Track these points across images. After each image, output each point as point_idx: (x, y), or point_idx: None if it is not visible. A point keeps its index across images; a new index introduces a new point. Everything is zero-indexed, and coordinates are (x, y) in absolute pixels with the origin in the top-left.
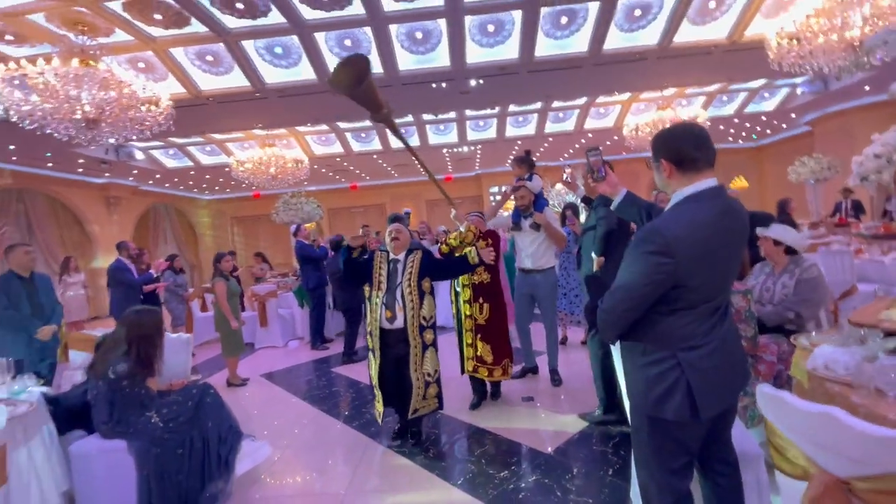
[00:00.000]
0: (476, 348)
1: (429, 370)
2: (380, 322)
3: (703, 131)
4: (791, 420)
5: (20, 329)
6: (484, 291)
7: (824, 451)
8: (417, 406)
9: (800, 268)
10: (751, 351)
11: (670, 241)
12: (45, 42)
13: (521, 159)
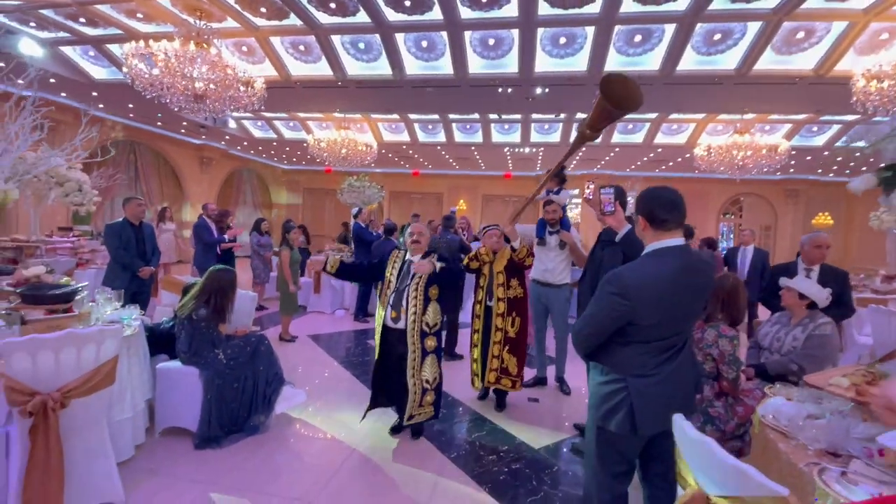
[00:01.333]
0: (502, 360)
1: (427, 377)
2: (385, 320)
3: (676, 197)
4: (683, 445)
5: (127, 267)
6: (518, 306)
7: (701, 472)
8: (413, 413)
9: (814, 323)
10: (731, 392)
11: (629, 286)
12: (168, 22)
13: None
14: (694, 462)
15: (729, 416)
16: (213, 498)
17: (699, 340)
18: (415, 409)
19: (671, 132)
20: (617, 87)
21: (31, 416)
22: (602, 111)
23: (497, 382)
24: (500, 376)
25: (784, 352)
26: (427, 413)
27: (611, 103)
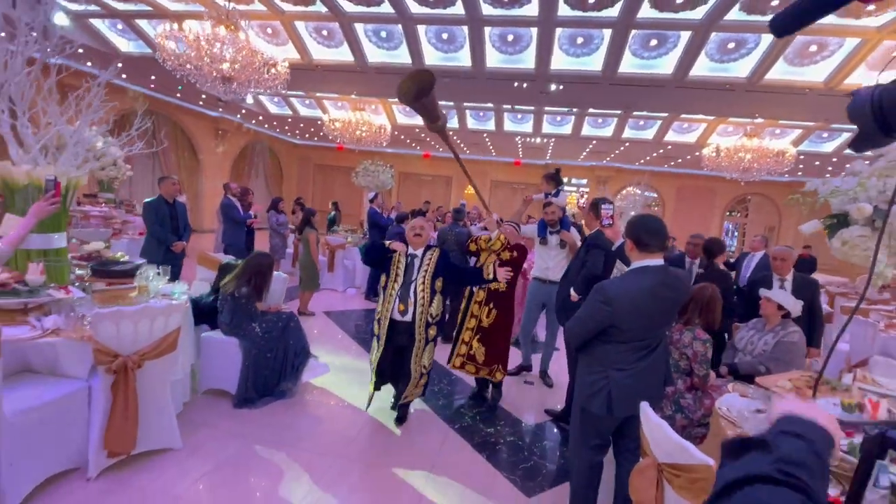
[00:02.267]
0: (470, 347)
1: (425, 363)
2: (391, 313)
3: (660, 226)
4: (646, 426)
5: (162, 242)
6: (497, 298)
7: (656, 446)
8: (408, 394)
9: (784, 330)
10: (700, 387)
11: (612, 296)
12: (197, 2)
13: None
14: (652, 439)
15: (697, 406)
16: (253, 449)
17: (677, 341)
18: (411, 390)
19: (682, 131)
20: (408, 87)
21: (114, 374)
22: (420, 109)
23: (461, 368)
24: (465, 362)
25: (755, 354)
26: (417, 392)
27: (413, 101)
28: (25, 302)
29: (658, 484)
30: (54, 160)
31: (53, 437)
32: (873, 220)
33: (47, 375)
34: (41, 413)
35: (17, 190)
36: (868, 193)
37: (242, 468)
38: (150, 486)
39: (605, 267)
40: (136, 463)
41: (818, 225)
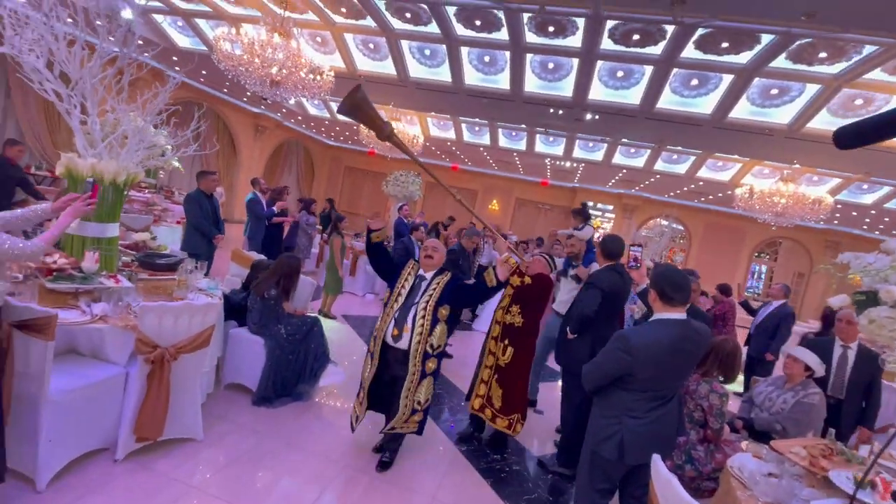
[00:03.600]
0: (489, 387)
1: (420, 398)
2: (385, 335)
3: (684, 281)
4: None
5: (205, 234)
6: (513, 334)
7: (664, 501)
8: (395, 425)
9: (805, 391)
10: (713, 440)
11: (632, 346)
12: (254, 7)
13: (577, 211)
14: (661, 493)
15: (708, 460)
16: (268, 447)
17: (694, 391)
18: (399, 423)
19: (716, 168)
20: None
21: (151, 364)
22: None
23: (480, 410)
24: (484, 404)
25: (773, 412)
26: (409, 428)
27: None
28: (77, 287)
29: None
30: (116, 155)
31: (89, 418)
32: None
33: (90, 358)
34: (82, 394)
35: (80, 181)
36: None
37: (257, 465)
38: (171, 473)
39: (602, 308)
40: (161, 449)
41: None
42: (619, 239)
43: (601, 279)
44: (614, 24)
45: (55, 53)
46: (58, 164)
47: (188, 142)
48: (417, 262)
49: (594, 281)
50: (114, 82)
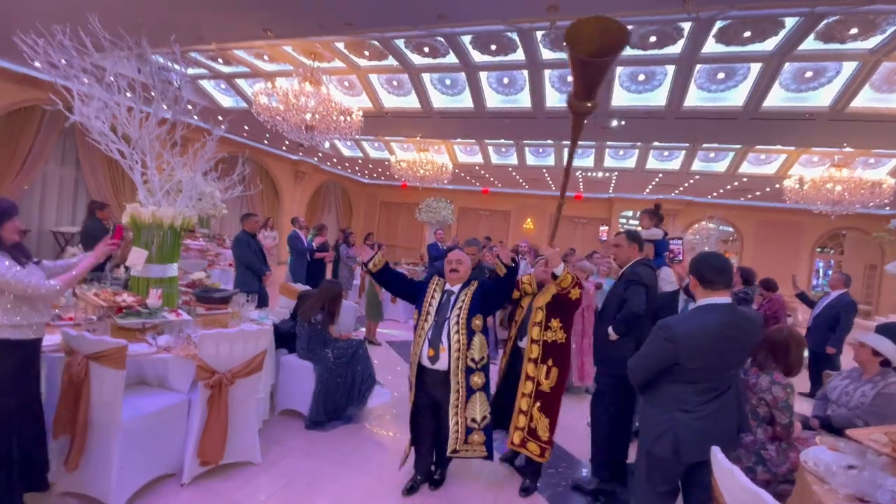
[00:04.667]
0: (531, 418)
1: (475, 416)
2: (420, 358)
3: (724, 263)
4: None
5: (256, 272)
6: (557, 353)
7: (727, 493)
8: (458, 447)
9: (885, 380)
10: (784, 437)
11: (676, 333)
12: (287, 62)
13: (649, 212)
14: (723, 485)
15: (781, 459)
16: (322, 469)
17: (754, 385)
18: (459, 444)
19: (759, 162)
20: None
21: (210, 389)
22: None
23: (522, 445)
24: (526, 438)
25: (851, 406)
26: (477, 451)
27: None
28: (144, 322)
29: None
30: (173, 202)
31: (157, 444)
32: None
33: (157, 387)
34: (150, 420)
35: (143, 227)
36: None
37: (312, 486)
38: (233, 496)
39: (648, 304)
40: (222, 473)
41: None
42: (636, 232)
43: (640, 275)
44: (629, 27)
45: (117, 118)
46: (123, 214)
47: (234, 184)
48: (442, 276)
49: (634, 278)
50: (167, 139)
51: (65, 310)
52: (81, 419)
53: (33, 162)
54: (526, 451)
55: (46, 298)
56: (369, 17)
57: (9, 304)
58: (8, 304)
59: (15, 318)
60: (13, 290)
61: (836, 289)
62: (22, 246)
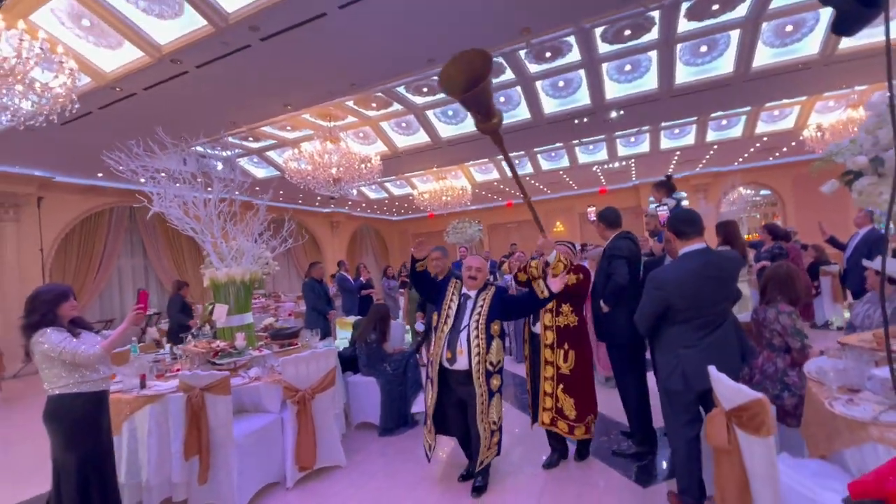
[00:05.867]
0: (556, 399)
1: (494, 419)
2: (440, 358)
3: (693, 215)
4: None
5: (321, 312)
6: (570, 336)
7: (721, 396)
8: (483, 458)
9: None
10: (801, 362)
11: (662, 281)
12: (307, 128)
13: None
14: (718, 392)
15: (803, 383)
16: (398, 465)
17: (763, 320)
18: (484, 452)
19: (773, 119)
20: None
21: (297, 405)
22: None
23: (552, 425)
24: (555, 418)
25: (874, 328)
26: (493, 453)
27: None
28: (235, 361)
29: (729, 428)
30: (239, 263)
31: (263, 456)
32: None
33: (254, 412)
34: (255, 437)
35: (220, 286)
36: (863, 147)
37: (390, 479)
38: (328, 493)
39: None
40: (317, 476)
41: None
42: (615, 209)
43: (620, 248)
44: (602, 28)
45: (187, 204)
46: (203, 278)
47: (285, 239)
48: (459, 279)
49: (615, 252)
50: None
51: (171, 365)
52: (204, 441)
53: (108, 259)
54: (556, 430)
55: (90, 361)
56: (369, 74)
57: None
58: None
59: (75, 377)
60: (66, 358)
61: (863, 226)
62: (79, 319)
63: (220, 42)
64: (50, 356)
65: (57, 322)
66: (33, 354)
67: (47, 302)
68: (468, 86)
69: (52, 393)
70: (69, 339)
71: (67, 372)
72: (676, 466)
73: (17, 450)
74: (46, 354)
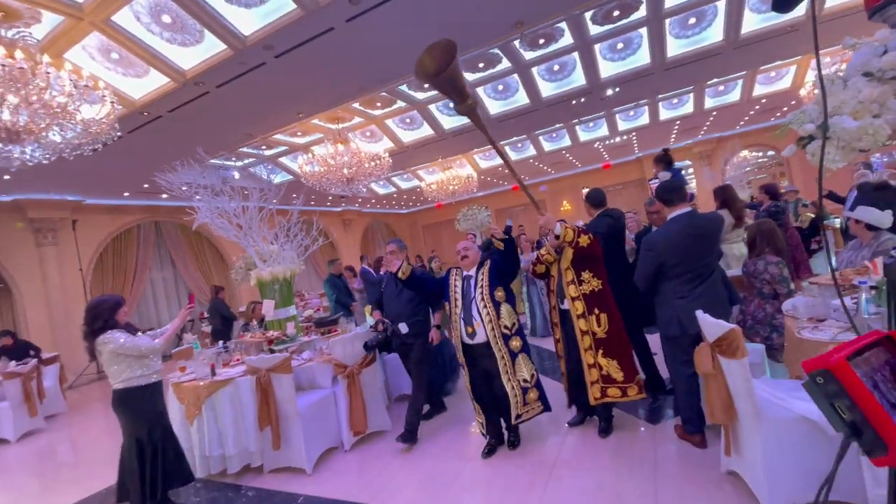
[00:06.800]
0: (600, 367)
1: (525, 376)
2: (462, 337)
3: (676, 183)
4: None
5: (344, 305)
6: (598, 300)
7: (706, 332)
8: (520, 412)
9: (878, 241)
10: None
11: (652, 243)
12: (317, 132)
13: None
14: (704, 330)
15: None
16: (436, 429)
17: (754, 271)
18: (520, 407)
19: (770, 81)
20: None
21: (347, 379)
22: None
23: (603, 396)
24: (604, 388)
25: None
26: (535, 409)
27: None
28: (288, 346)
29: (713, 357)
30: (279, 262)
31: (323, 425)
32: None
33: (308, 389)
34: (315, 408)
35: (266, 284)
36: (810, 116)
37: (432, 441)
38: (381, 452)
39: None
40: (369, 439)
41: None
42: (600, 190)
43: (599, 225)
44: (591, 12)
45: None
46: (250, 279)
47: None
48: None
49: (595, 230)
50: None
51: (230, 355)
52: (274, 413)
53: (141, 272)
54: (609, 399)
55: (155, 352)
56: (375, 76)
57: (133, 364)
58: (133, 364)
59: (137, 372)
60: (132, 352)
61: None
62: (130, 324)
63: (238, 62)
64: (118, 353)
65: (117, 326)
66: (100, 355)
67: (107, 310)
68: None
69: (118, 387)
70: (130, 337)
71: (129, 368)
72: (679, 401)
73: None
74: (115, 352)
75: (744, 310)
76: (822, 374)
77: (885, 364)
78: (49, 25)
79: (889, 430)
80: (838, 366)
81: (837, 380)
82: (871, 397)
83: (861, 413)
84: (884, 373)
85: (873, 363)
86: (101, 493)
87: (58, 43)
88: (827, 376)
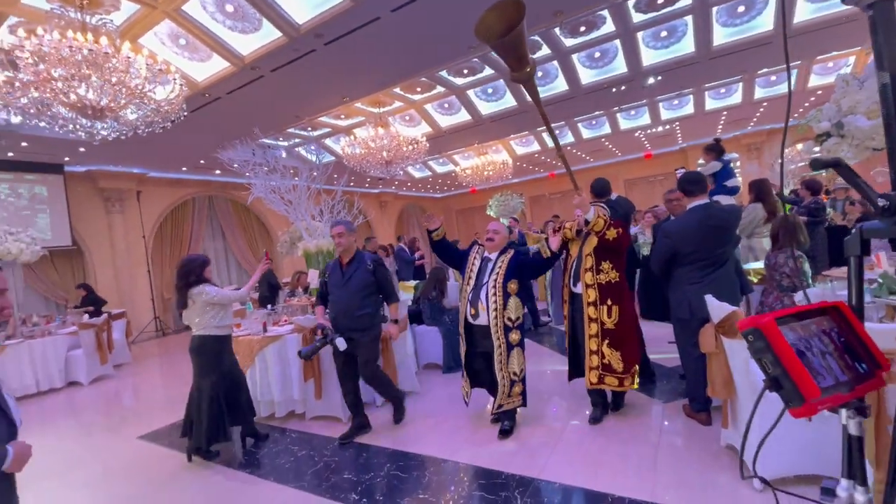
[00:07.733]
0: (602, 356)
1: (514, 370)
2: (465, 315)
3: (696, 175)
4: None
5: None
6: (613, 292)
7: (712, 314)
8: (502, 402)
9: None
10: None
11: (669, 231)
12: (359, 115)
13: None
14: (710, 312)
15: None
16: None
17: (775, 264)
18: (503, 398)
19: (826, 72)
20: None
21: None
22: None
23: (600, 382)
24: (602, 375)
25: None
26: (515, 402)
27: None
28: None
29: (716, 337)
30: (322, 237)
31: None
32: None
33: None
34: None
35: (312, 255)
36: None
37: (454, 402)
38: (410, 409)
39: None
40: None
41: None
42: (603, 180)
43: None
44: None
45: (281, 190)
46: (295, 251)
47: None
48: (481, 245)
49: None
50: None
51: (279, 316)
52: (316, 368)
53: (195, 243)
54: (605, 386)
55: (241, 299)
56: (417, 64)
57: (219, 313)
58: (219, 313)
59: (216, 321)
60: (222, 301)
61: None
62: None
63: (292, 49)
64: (210, 303)
65: (206, 281)
66: (193, 304)
67: (198, 267)
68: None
69: (198, 333)
70: (219, 290)
71: (213, 318)
72: (687, 380)
73: (150, 395)
74: (208, 302)
75: (763, 301)
76: (753, 332)
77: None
78: (126, 13)
79: (806, 384)
80: (766, 325)
81: (765, 337)
82: (793, 354)
83: (783, 368)
84: (822, 339)
85: (813, 330)
86: (164, 429)
87: (133, 29)
88: (756, 334)
